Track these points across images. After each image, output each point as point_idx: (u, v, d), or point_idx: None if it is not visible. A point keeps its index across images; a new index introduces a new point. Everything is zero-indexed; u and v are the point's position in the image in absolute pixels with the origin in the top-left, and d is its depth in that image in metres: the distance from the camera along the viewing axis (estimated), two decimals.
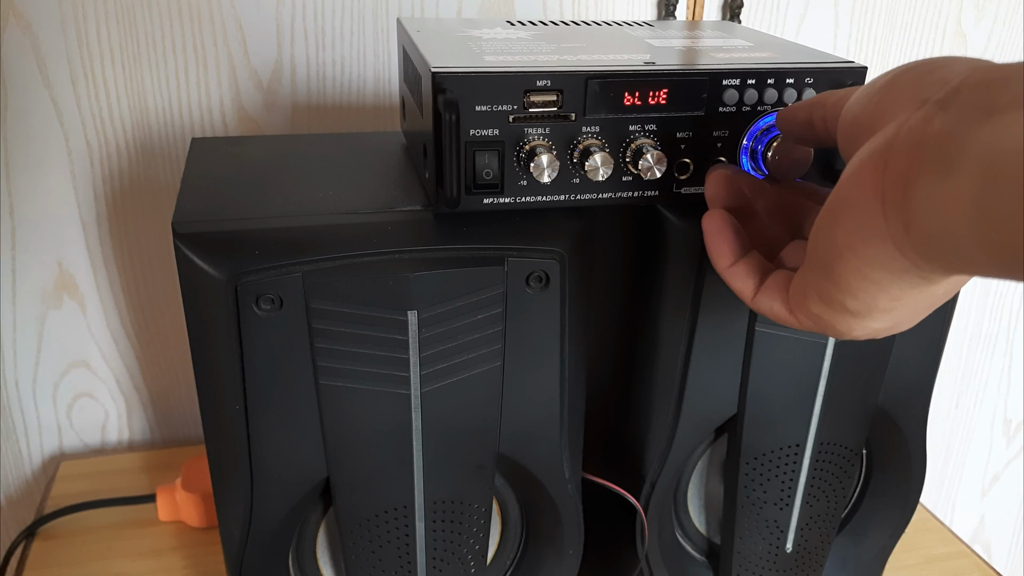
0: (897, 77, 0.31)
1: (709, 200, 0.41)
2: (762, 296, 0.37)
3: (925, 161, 0.27)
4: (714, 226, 0.39)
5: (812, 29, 0.82)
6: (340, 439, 0.43)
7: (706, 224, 0.39)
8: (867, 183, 0.29)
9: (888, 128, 0.30)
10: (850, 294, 0.31)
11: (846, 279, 0.31)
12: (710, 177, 0.41)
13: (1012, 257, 0.24)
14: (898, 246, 0.29)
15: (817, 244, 0.32)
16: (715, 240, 0.39)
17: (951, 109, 0.27)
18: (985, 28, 0.87)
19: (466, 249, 0.42)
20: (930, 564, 0.71)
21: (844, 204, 0.30)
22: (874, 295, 0.31)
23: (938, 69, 0.30)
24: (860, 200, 0.29)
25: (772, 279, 0.37)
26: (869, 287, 0.31)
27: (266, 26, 0.70)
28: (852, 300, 0.32)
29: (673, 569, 0.55)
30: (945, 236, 0.26)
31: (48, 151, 0.69)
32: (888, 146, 0.29)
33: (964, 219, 0.25)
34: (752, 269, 0.38)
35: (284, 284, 0.39)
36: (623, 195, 0.44)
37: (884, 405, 0.52)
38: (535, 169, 0.41)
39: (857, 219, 0.30)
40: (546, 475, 0.48)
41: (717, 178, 0.41)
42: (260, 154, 0.52)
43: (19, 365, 0.76)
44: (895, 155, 0.28)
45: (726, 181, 0.41)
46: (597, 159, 0.41)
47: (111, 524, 0.69)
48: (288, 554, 0.48)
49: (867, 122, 0.32)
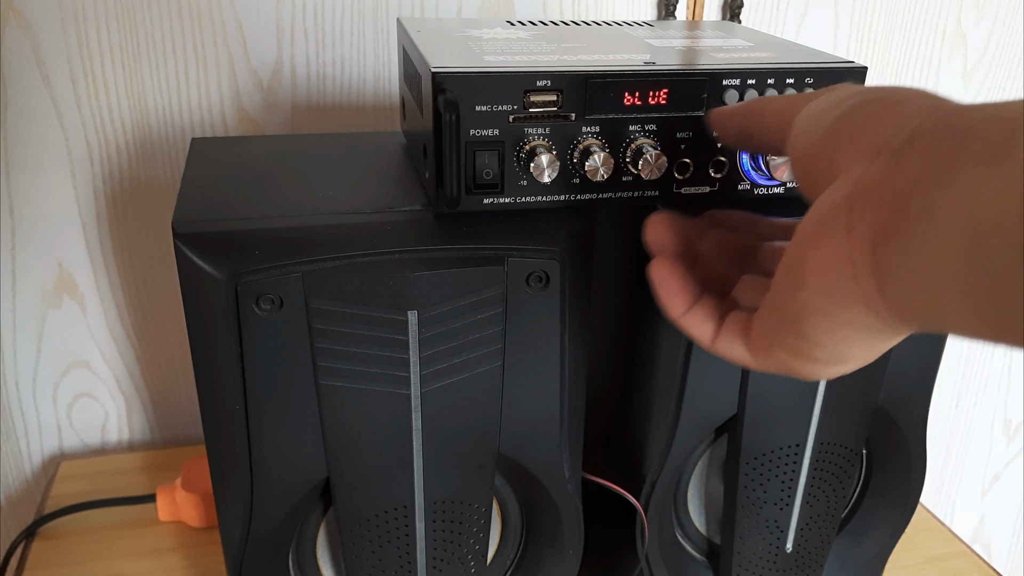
0: (851, 112, 0.29)
1: (652, 248, 0.39)
2: (721, 341, 0.36)
3: (891, 226, 0.25)
4: (661, 275, 0.37)
5: (812, 29, 0.82)
6: (340, 439, 0.43)
7: (653, 274, 0.37)
8: (832, 245, 0.28)
9: (846, 179, 0.28)
10: (819, 348, 0.30)
11: (815, 336, 0.30)
12: (649, 224, 0.39)
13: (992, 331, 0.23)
14: (872, 309, 0.27)
15: (782, 302, 0.31)
16: (665, 289, 0.37)
17: (910, 164, 0.25)
18: (985, 28, 0.87)
19: (466, 249, 0.42)
20: (930, 564, 0.71)
21: (809, 266, 0.29)
22: (846, 349, 0.30)
23: (894, 107, 0.28)
24: (827, 263, 0.28)
25: (729, 322, 0.36)
26: (840, 343, 0.30)
27: (266, 26, 0.70)
28: (821, 352, 0.31)
29: (673, 569, 0.55)
30: (927, 302, 0.25)
31: (48, 151, 0.69)
32: (849, 206, 0.27)
33: (946, 288, 0.24)
34: (707, 314, 0.36)
35: (284, 284, 0.39)
36: (623, 195, 0.44)
37: (884, 405, 0.52)
38: (535, 169, 0.41)
39: (825, 281, 0.28)
40: (546, 475, 0.48)
41: (657, 224, 0.39)
42: (260, 154, 0.52)
43: (19, 365, 0.76)
44: (858, 217, 0.27)
45: (666, 227, 0.39)
46: (597, 159, 0.41)
47: (111, 524, 0.69)
48: (288, 554, 0.48)
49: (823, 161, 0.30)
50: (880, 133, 0.28)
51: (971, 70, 0.89)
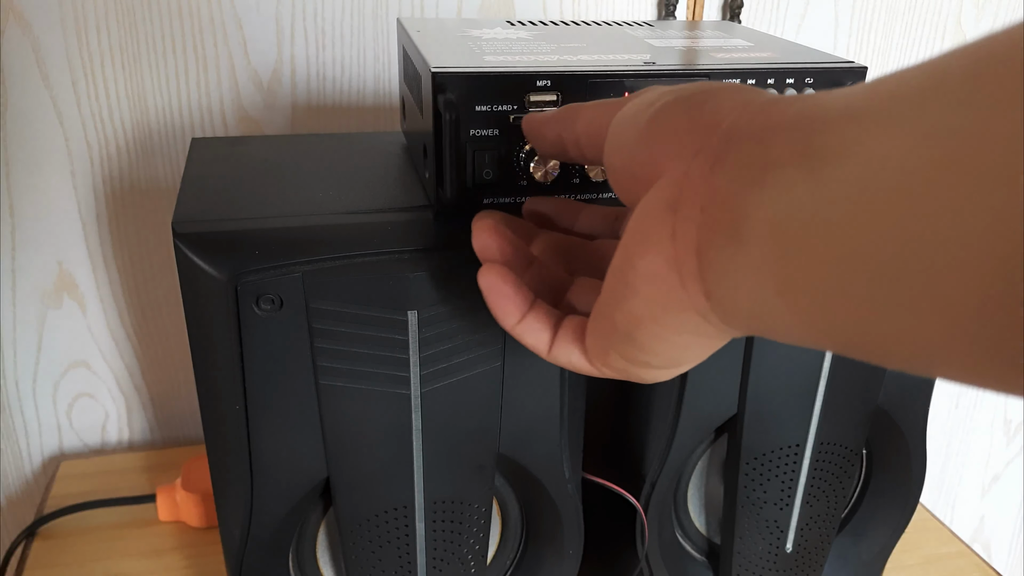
0: (663, 112, 0.29)
1: (480, 254, 0.37)
2: (558, 348, 0.34)
3: (711, 228, 0.25)
4: (490, 283, 0.35)
5: (812, 29, 0.82)
6: (340, 439, 0.43)
7: (482, 282, 0.35)
8: (657, 252, 0.27)
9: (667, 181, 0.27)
10: (653, 354, 0.30)
11: (650, 344, 0.29)
12: (475, 228, 0.37)
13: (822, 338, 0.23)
14: (702, 315, 0.27)
15: (612, 311, 0.30)
16: (495, 298, 0.35)
17: (726, 165, 0.25)
18: (985, 28, 0.87)
19: (466, 249, 0.42)
20: (930, 564, 0.71)
21: (637, 274, 0.28)
22: (679, 353, 0.30)
23: (705, 103, 0.27)
24: (654, 271, 0.27)
25: (565, 328, 0.34)
26: (673, 349, 0.29)
27: (266, 26, 0.70)
28: (656, 359, 0.30)
29: (673, 569, 0.55)
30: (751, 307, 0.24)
31: (48, 151, 0.69)
32: (672, 210, 0.27)
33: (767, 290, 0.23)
34: (541, 322, 0.35)
35: (284, 284, 0.39)
36: None
37: (884, 405, 0.52)
38: (535, 169, 0.41)
39: (655, 290, 0.27)
40: (546, 475, 0.48)
41: (483, 229, 0.37)
42: (260, 154, 0.52)
43: (19, 365, 0.76)
44: (681, 221, 0.26)
45: (493, 231, 0.36)
46: None
47: (111, 524, 0.69)
48: (288, 554, 0.48)
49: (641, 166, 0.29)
50: (695, 132, 0.27)
51: None
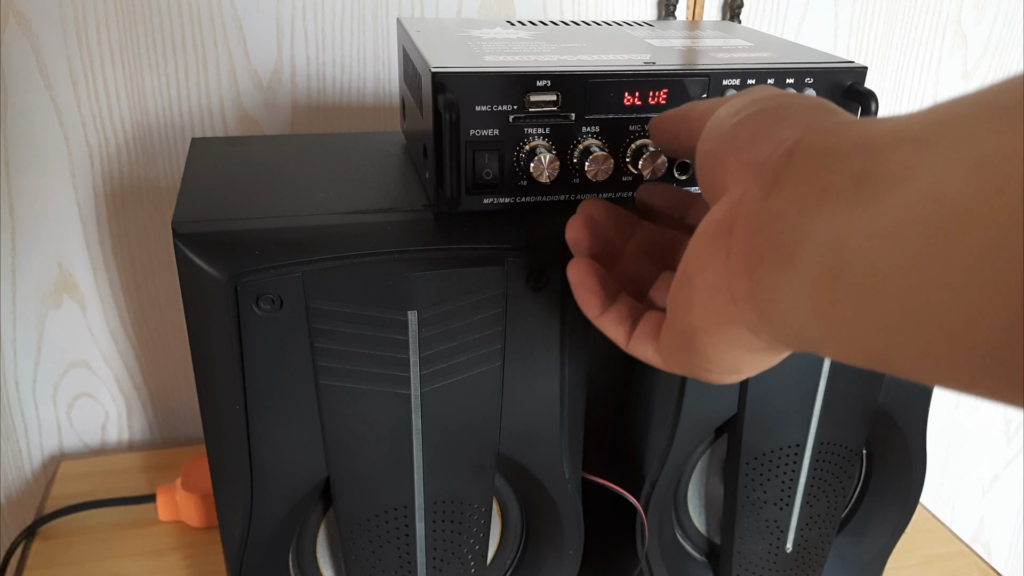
0: (740, 124, 0.30)
1: (572, 248, 0.39)
2: (635, 343, 0.36)
3: (765, 249, 0.26)
4: (578, 276, 0.37)
5: (812, 29, 0.82)
6: (340, 439, 0.43)
7: (570, 275, 0.38)
8: (713, 269, 0.28)
9: (728, 200, 0.29)
10: (713, 364, 0.31)
11: (707, 353, 0.31)
12: (570, 225, 0.39)
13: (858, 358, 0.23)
14: (753, 331, 0.28)
15: (675, 321, 0.32)
16: (581, 291, 0.37)
17: (783, 189, 0.26)
18: (985, 28, 0.87)
19: (466, 249, 0.42)
20: (930, 564, 0.71)
21: (695, 288, 0.30)
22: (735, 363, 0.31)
23: (780, 120, 0.28)
24: (709, 287, 0.29)
25: (643, 324, 0.36)
26: (729, 360, 0.31)
27: (266, 26, 0.70)
28: (715, 366, 0.32)
29: (673, 569, 0.55)
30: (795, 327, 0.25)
31: (48, 151, 0.69)
32: (729, 229, 0.28)
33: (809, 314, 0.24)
34: (622, 315, 0.37)
35: (284, 284, 0.39)
36: (623, 195, 0.44)
37: (884, 405, 0.52)
38: (535, 169, 0.41)
39: (710, 304, 0.29)
40: (546, 475, 0.48)
41: (577, 225, 0.39)
42: (260, 154, 0.52)
43: (19, 365, 0.76)
44: (737, 241, 0.27)
45: (586, 226, 0.39)
46: (597, 159, 0.41)
47: (111, 524, 0.69)
48: (288, 554, 0.48)
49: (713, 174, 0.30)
50: (759, 152, 0.28)
51: (971, 70, 0.89)
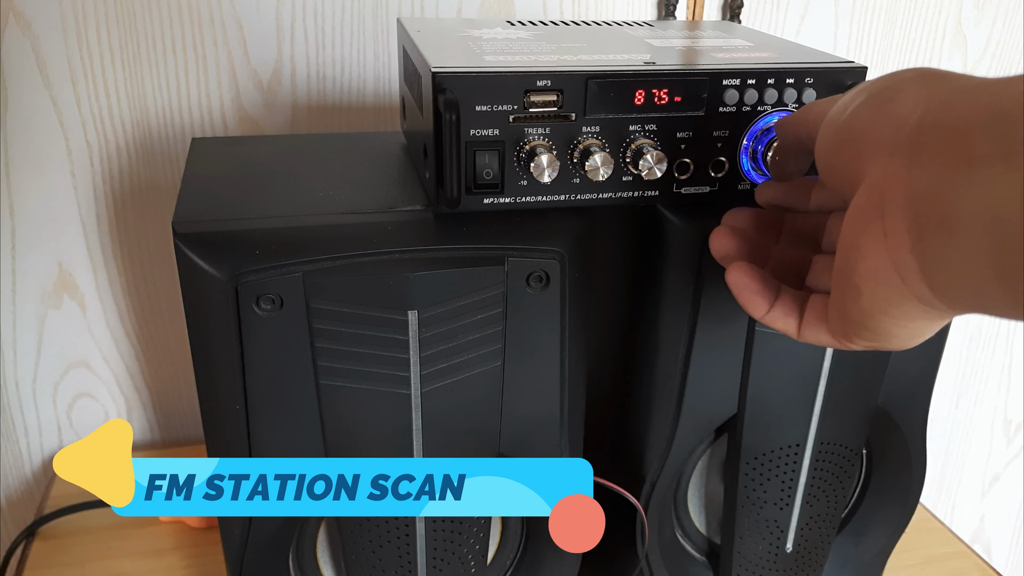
0: (855, 113, 0.31)
1: (720, 260, 0.41)
2: (807, 330, 0.37)
3: (923, 225, 0.27)
4: (738, 282, 0.38)
5: (812, 29, 0.82)
6: (340, 439, 0.43)
7: (730, 282, 0.39)
8: (873, 255, 0.30)
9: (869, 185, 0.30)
10: (892, 338, 0.33)
11: (885, 329, 0.32)
12: (713, 239, 0.41)
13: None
14: (927, 303, 0.29)
15: (845, 309, 0.33)
16: (744, 294, 0.38)
17: (924, 161, 0.27)
18: (985, 28, 0.87)
19: (466, 249, 0.42)
20: (930, 564, 0.71)
21: (859, 277, 0.31)
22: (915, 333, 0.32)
23: (893, 99, 0.30)
24: (874, 272, 0.30)
25: (811, 310, 0.37)
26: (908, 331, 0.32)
27: (266, 26, 0.70)
28: (894, 340, 0.33)
29: (673, 569, 0.55)
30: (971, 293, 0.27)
31: (48, 151, 0.69)
32: (880, 213, 0.29)
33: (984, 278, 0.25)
34: (788, 307, 0.38)
35: (284, 284, 0.39)
36: (623, 195, 0.44)
37: (884, 405, 0.52)
38: (535, 169, 0.41)
39: (878, 289, 0.30)
40: None
41: (721, 237, 0.41)
42: (260, 154, 0.52)
43: (19, 365, 0.76)
44: (890, 223, 0.29)
45: (729, 238, 0.41)
46: (597, 159, 0.41)
47: (111, 524, 0.69)
48: (288, 554, 0.48)
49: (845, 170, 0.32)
50: (886, 134, 0.29)
51: (971, 70, 0.89)
